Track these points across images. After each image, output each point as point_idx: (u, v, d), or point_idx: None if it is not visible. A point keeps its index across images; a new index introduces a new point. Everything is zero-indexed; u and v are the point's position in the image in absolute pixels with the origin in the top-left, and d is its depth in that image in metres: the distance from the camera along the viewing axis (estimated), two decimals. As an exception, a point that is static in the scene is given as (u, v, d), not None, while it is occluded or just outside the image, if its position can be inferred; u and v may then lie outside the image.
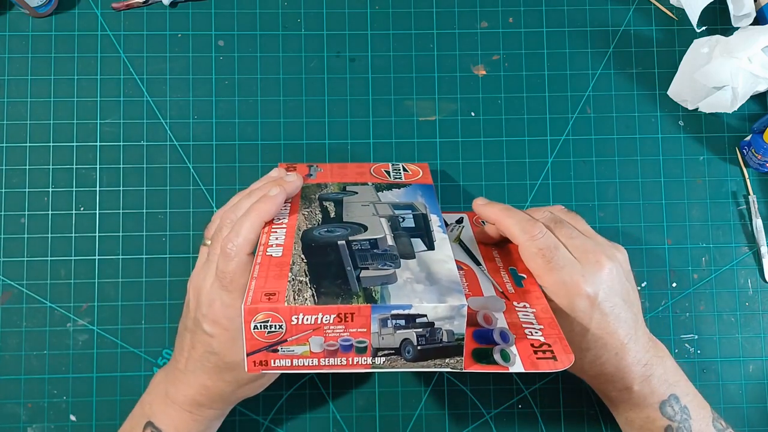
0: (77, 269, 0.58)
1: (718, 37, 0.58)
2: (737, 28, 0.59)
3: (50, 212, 0.59)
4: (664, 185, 0.61)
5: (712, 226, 0.61)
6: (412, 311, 0.39)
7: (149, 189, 0.59)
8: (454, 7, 0.62)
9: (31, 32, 0.60)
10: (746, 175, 0.61)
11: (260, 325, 0.39)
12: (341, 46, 0.61)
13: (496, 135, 0.61)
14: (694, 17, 0.59)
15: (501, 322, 0.44)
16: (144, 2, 0.61)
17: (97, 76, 0.60)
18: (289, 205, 0.48)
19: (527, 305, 0.45)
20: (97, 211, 0.59)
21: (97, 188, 0.59)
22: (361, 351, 0.40)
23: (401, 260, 0.42)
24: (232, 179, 0.60)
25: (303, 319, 0.39)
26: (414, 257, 0.43)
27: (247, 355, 0.40)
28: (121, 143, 0.60)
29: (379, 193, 0.51)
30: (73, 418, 0.57)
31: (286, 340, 0.40)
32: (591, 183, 0.60)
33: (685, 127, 0.62)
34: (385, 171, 0.55)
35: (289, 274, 0.41)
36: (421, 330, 0.39)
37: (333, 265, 0.42)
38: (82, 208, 0.59)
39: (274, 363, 0.40)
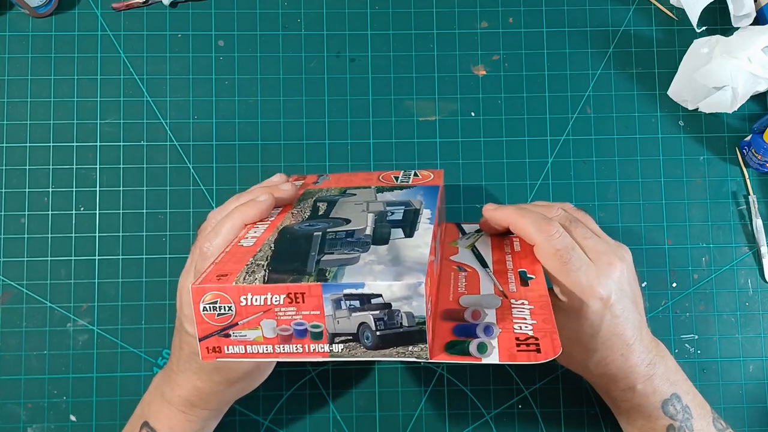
0: (77, 269, 0.58)
1: (718, 37, 0.58)
2: (737, 28, 0.59)
3: (50, 212, 0.59)
4: (664, 185, 0.61)
5: (712, 226, 0.61)
6: (366, 290, 0.36)
7: (149, 189, 0.59)
8: (454, 7, 0.62)
9: (31, 32, 0.60)
10: (746, 175, 0.61)
11: (209, 307, 0.38)
12: (341, 46, 0.61)
13: (496, 135, 0.61)
14: (694, 17, 0.59)
15: (490, 317, 0.42)
16: (144, 2, 0.61)
17: (97, 76, 0.60)
18: (280, 209, 0.48)
19: (526, 302, 0.44)
20: (97, 211, 0.59)
21: (97, 188, 0.59)
22: (317, 337, 0.38)
23: (372, 246, 0.40)
24: (232, 179, 0.60)
25: (252, 299, 0.37)
26: (387, 243, 0.41)
27: (200, 340, 0.38)
28: (121, 143, 0.60)
29: (378, 194, 0.49)
30: (73, 418, 0.57)
31: (236, 324, 0.38)
32: (591, 183, 0.60)
33: (685, 127, 0.62)
34: (394, 177, 0.53)
35: (251, 259, 0.40)
36: (377, 312, 0.37)
37: (299, 252, 0.40)
38: (82, 208, 0.59)
39: (228, 350, 0.39)
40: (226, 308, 0.38)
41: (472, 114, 0.61)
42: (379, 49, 0.61)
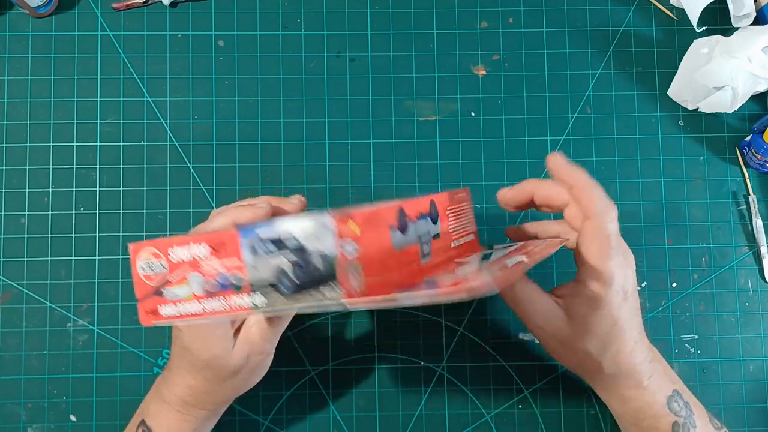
0: (77, 269, 0.58)
1: (718, 37, 0.58)
2: (737, 28, 0.59)
3: (50, 212, 0.59)
4: (664, 185, 0.61)
5: (712, 226, 0.61)
6: (276, 228, 0.36)
7: (149, 189, 0.59)
8: (454, 7, 0.62)
9: (31, 32, 0.60)
10: (746, 175, 0.61)
11: (146, 266, 0.39)
12: (341, 46, 0.61)
13: (496, 135, 0.61)
14: (694, 17, 0.59)
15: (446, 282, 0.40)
16: (144, 2, 0.61)
17: (97, 76, 0.60)
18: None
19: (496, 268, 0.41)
20: (97, 211, 0.59)
21: (97, 188, 0.59)
22: (239, 289, 0.38)
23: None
24: (232, 179, 0.60)
25: (179, 252, 0.38)
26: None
27: (138, 302, 0.39)
28: (121, 143, 0.60)
29: None
30: (73, 418, 0.57)
31: (168, 281, 0.38)
32: (591, 183, 0.60)
33: (685, 127, 0.62)
34: None
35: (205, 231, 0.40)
36: (294, 257, 0.36)
37: None
38: (82, 208, 0.59)
39: (163, 311, 0.39)
40: (160, 265, 0.39)
41: (472, 114, 0.61)
42: (379, 49, 0.61)
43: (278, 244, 0.36)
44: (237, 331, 0.46)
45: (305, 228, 0.36)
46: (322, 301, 0.36)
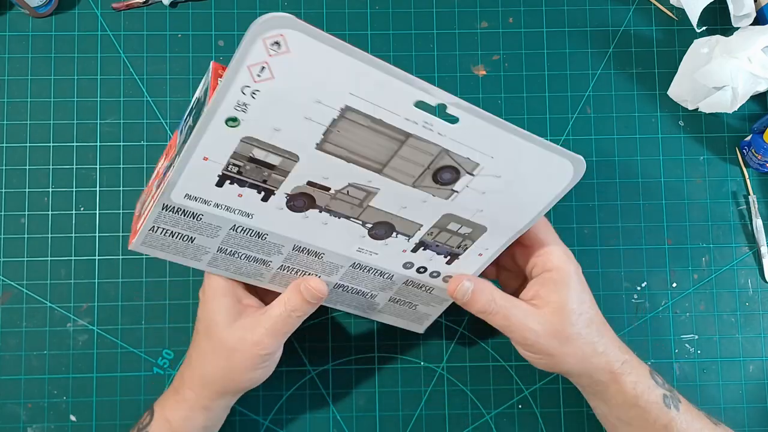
0: (77, 269, 0.58)
1: (718, 37, 0.58)
2: (737, 28, 0.59)
3: (50, 212, 0.59)
4: (664, 185, 0.61)
5: (712, 226, 0.61)
6: (192, 100, 0.42)
7: (149, 189, 0.59)
8: (454, 7, 0.62)
9: (31, 32, 0.60)
10: (746, 175, 0.61)
11: (139, 204, 0.45)
12: (341, 46, 0.61)
13: (496, 135, 0.61)
14: (694, 17, 0.59)
15: None
16: (144, 2, 0.61)
17: (97, 76, 0.60)
18: None
19: None
20: (97, 211, 0.59)
21: (97, 188, 0.59)
22: (170, 168, 0.42)
23: None
24: (232, 179, 0.60)
25: (152, 175, 0.45)
26: None
27: (130, 235, 0.45)
28: (121, 143, 0.60)
29: None
30: (73, 418, 0.57)
31: (145, 201, 0.44)
32: (591, 183, 0.60)
33: (685, 127, 0.62)
34: None
35: None
36: (196, 110, 0.41)
37: None
38: (82, 208, 0.59)
39: (138, 227, 0.44)
40: (145, 196, 0.45)
41: (472, 114, 0.61)
42: (379, 49, 0.61)
43: (191, 112, 0.42)
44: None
45: (202, 84, 0.42)
46: (201, 120, 0.38)
